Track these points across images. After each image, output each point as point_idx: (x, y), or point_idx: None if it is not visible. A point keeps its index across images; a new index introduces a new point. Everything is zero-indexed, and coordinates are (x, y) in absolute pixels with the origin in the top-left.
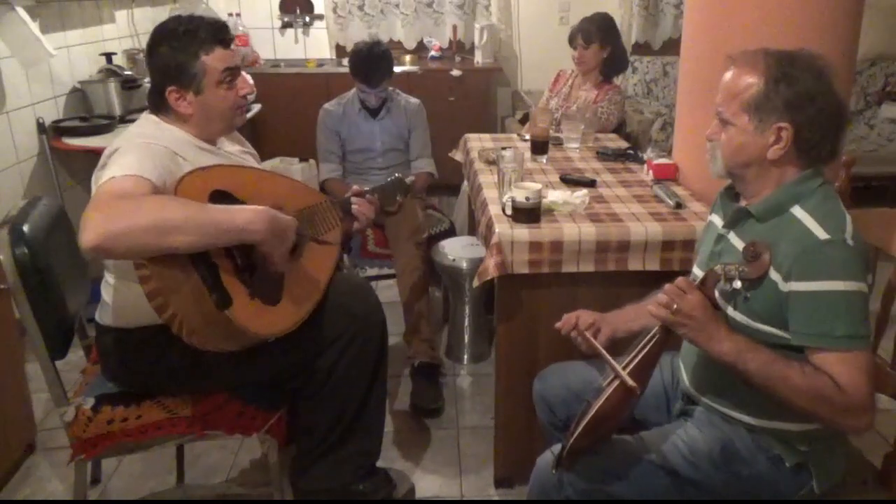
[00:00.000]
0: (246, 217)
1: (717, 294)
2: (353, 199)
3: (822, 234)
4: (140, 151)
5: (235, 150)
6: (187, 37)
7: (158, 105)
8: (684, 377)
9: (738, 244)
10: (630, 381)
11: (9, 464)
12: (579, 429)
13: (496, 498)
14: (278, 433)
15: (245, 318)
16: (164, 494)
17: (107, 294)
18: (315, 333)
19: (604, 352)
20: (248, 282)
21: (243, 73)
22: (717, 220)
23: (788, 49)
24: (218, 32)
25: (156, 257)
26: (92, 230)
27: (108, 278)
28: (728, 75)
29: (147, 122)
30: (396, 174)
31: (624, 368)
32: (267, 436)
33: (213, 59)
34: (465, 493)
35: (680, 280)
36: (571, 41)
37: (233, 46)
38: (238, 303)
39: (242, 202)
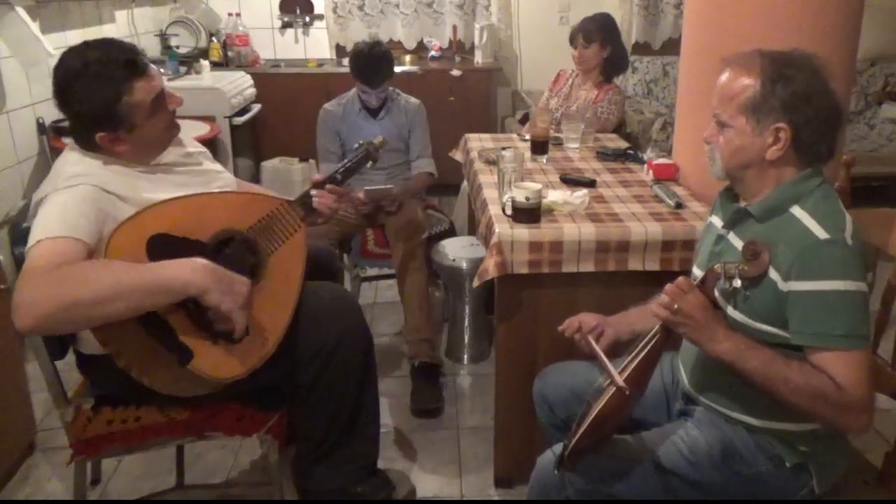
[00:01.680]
0: (183, 275)
1: (717, 293)
2: (313, 192)
3: (821, 233)
4: (68, 202)
5: (179, 156)
6: (101, 80)
7: (88, 144)
8: (684, 377)
9: (738, 244)
10: (620, 383)
11: (9, 464)
12: (581, 430)
13: (496, 498)
14: (278, 433)
15: (210, 366)
16: (164, 494)
17: None
18: (295, 349)
19: (602, 356)
20: (207, 325)
21: (167, 88)
22: (717, 221)
23: (782, 49)
24: (131, 66)
25: (108, 327)
26: (25, 314)
27: None
28: (723, 78)
29: (73, 158)
30: (360, 141)
31: (623, 370)
32: (267, 436)
33: (137, 95)
34: (465, 493)
35: (681, 280)
36: (572, 40)
37: (150, 69)
38: (200, 354)
39: (185, 239)
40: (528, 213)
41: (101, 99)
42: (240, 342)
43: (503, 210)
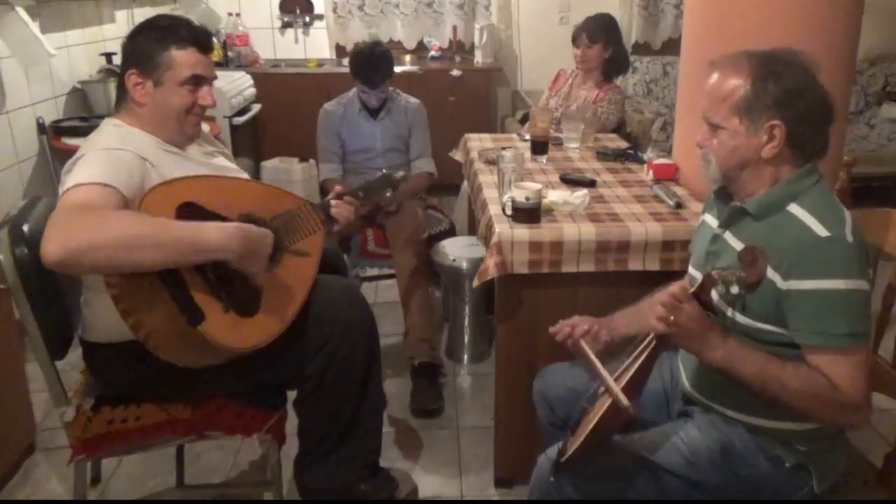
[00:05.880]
0: (216, 238)
1: (716, 297)
2: (333, 202)
3: (822, 231)
4: (106, 159)
5: (203, 153)
6: (166, 30)
7: (120, 97)
8: (684, 378)
9: (735, 243)
10: (624, 401)
11: (9, 464)
12: (578, 441)
13: (496, 498)
14: (278, 433)
15: (219, 333)
16: (164, 494)
17: (86, 310)
18: (301, 341)
19: (598, 365)
20: (221, 295)
21: (211, 87)
22: (712, 220)
23: (768, 48)
24: (198, 35)
25: (125, 277)
26: (55, 245)
27: (86, 295)
28: (713, 80)
29: (110, 128)
30: (383, 170)
31: (618, 379)
32: (267, 436)
33: (183, 57)
34: (465, 493)
35: (676, 290)
36: (575, 39)
37: (209, 55)
38: (211, 318)
39: (213, 213)
40: (528, 213)
41: (154, 40)
42: (249, 318)
43: (503, 210)
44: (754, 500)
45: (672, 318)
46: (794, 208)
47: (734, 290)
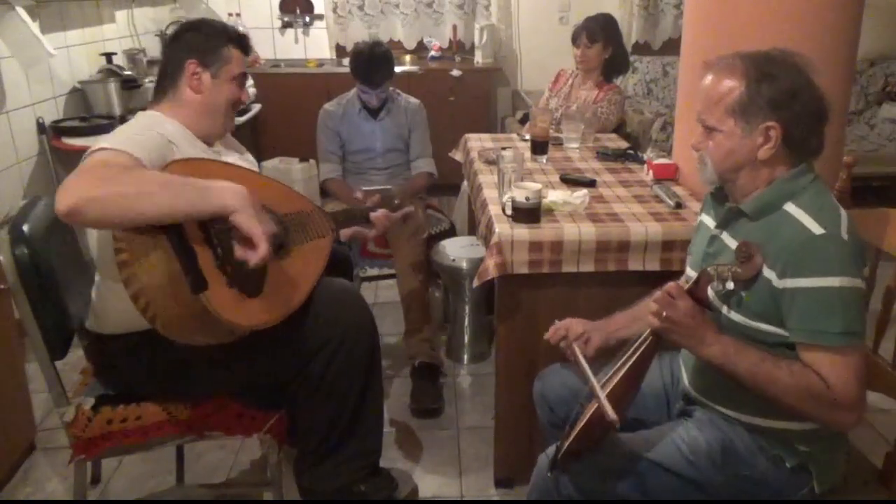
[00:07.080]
0: (221, 184)
1: (712, 295)
2: (379, 210)
3: (817, 228)
4: (133, 132)
5: (232, 159)
6: (222, 31)
7: (167, 86)
8: (684, 378)
9: (732, 244)
10: (611, 415)
11: (9, 464)
12: (573, 434)
13: (496, 498)
14: (278, 433)
15: (220, 304)
16: (164, 494)
17: (98, 301)
18: (301, 342)
19: (588, 372)
20: (226, 271)
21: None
22: (709, 221)
23: (762, 50)
24: (243, 38)
25: (134, 241)
26: (68, 193)
27: (98, 281)
28: (707, 82)
29: (143, 116)
30: (388, 187)
31: (613, 375)
32: (267, 436)
33: (235, 58)
34: (465, 493)
35: (670, 286)
36: (575, 39)
37: (247, 57)
38: (214, 288)
39: None
40: (528, 213)
41: (215, 35)
42: (252, 298)
43: (503, 210)
44: (754, 500)
45: (665, 313)
46: (790, 207)
47: (730, 285)
